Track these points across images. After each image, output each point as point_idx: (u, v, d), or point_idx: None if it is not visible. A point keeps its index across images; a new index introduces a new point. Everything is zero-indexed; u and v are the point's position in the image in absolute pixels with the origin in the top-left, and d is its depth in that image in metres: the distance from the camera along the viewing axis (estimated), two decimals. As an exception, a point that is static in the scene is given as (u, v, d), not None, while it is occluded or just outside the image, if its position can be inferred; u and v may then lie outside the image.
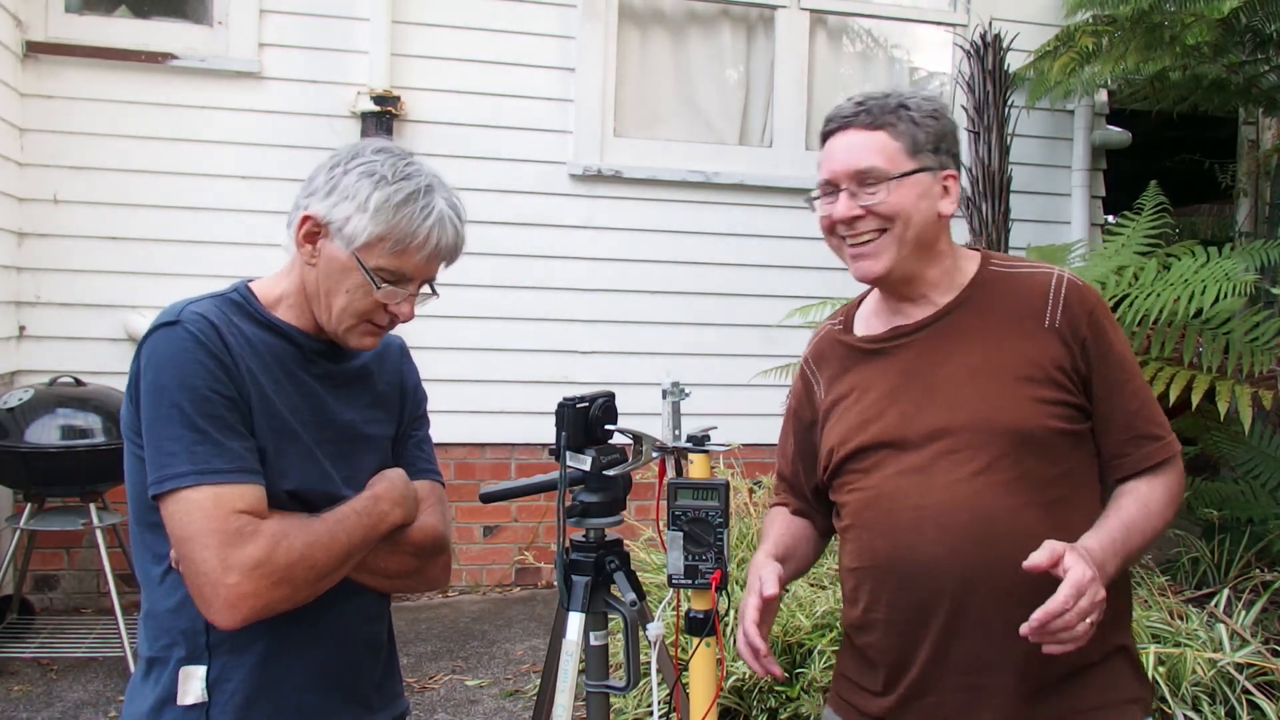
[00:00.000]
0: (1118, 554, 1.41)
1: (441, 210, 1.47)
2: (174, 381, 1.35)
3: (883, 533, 1.52)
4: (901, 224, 1.51)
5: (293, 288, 1.50)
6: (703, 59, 5.25)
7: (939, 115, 1.55)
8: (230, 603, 1.30)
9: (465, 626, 4.34)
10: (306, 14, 4.61)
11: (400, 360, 1.68)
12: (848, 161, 1.53)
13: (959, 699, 1.47)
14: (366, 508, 1.46)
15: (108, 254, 4.41)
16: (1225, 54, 4.51)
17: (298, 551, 1.35)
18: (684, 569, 1.52)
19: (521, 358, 4.87)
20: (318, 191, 1.46)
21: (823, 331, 1.74)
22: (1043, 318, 1.51)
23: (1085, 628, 1.31)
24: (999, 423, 1.47)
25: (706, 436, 1.58)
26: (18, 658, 3.75)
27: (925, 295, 1.58)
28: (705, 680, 1.52)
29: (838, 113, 1.57)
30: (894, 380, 1.56)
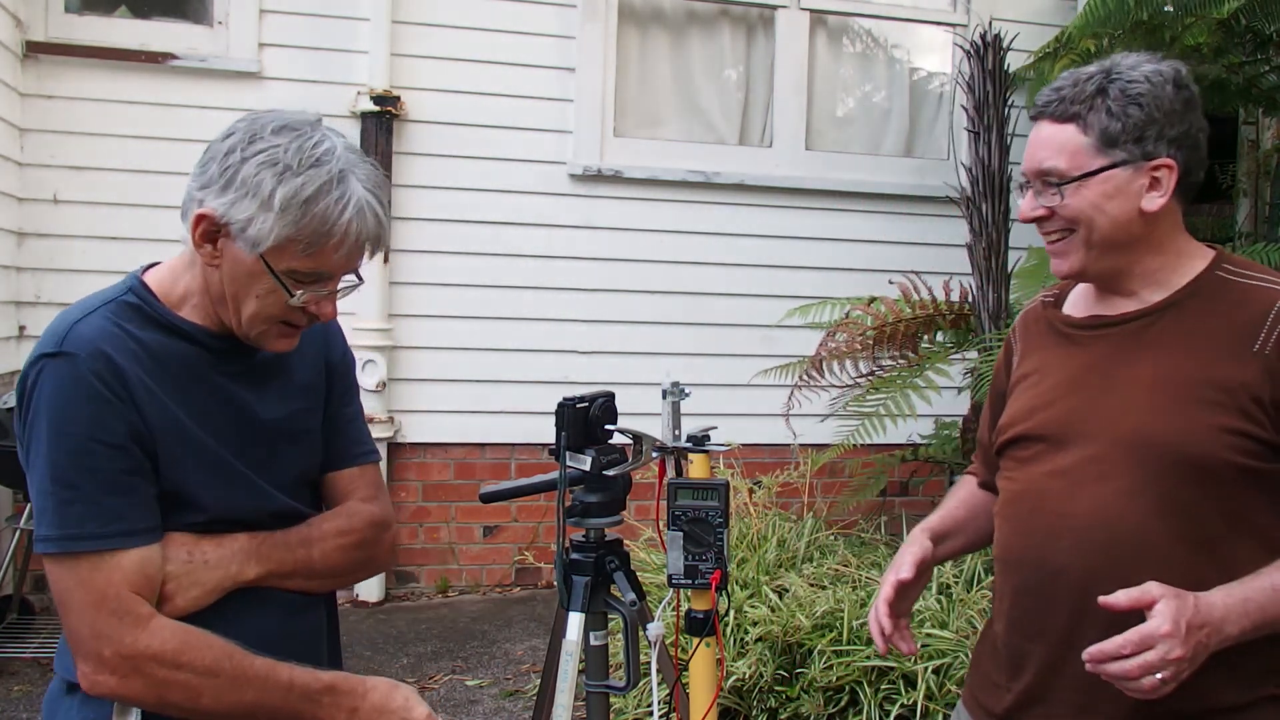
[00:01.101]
0: (1249, 615, 1.27)
1: (360, 198, 1.28)
2: (52, 429, 1.22)
3: (1021, 530, 1.47)
4: (1086, 226, 1.41)
5: (197, 285, 1.34)
6: (703, 59, 5.25)
7: (1145, 99, 1.38)
8: (91, 683, 1.23)
9: (465, 626, 4.34)
10: (306, 14, 4.61)
11: (321, 332, 1.50)
12: (1034, 158, 1.43)
13: (1069, 715, 1.41)
14: (307, 691, 1.31)
15: (108, 254, 4.41)
16: (1225, 55, 4.51)
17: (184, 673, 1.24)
18: (684, 569, 1.52)
19: (521, 358, 4.87)
20: (212, 184, 1.28)
21: (1034, 301, 1.65)
22: (1254, 340, 1.35)
23: (1153, 683, 1.22)
24: (1163, 441, 1.36)
25: (706, 436, 1.58)
26: (18, 658, 3.75)
27: (1134, 291, 1.46)
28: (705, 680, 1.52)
29: (1039, 98, 1.45)
30: (1076, 371, 1.47)
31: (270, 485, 1.39)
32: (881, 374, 4.08)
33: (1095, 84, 1.40)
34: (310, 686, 1.31)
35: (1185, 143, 1.41)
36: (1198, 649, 1.24)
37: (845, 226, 5.11)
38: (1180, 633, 1.22)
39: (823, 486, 4.42)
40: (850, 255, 5.04)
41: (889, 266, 4.53)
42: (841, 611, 3.10)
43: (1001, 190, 4.78)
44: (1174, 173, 1.40)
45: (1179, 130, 1.40)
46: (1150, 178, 1.40)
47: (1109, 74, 1.40)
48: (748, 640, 3.10)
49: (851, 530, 4.20)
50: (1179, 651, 1.21)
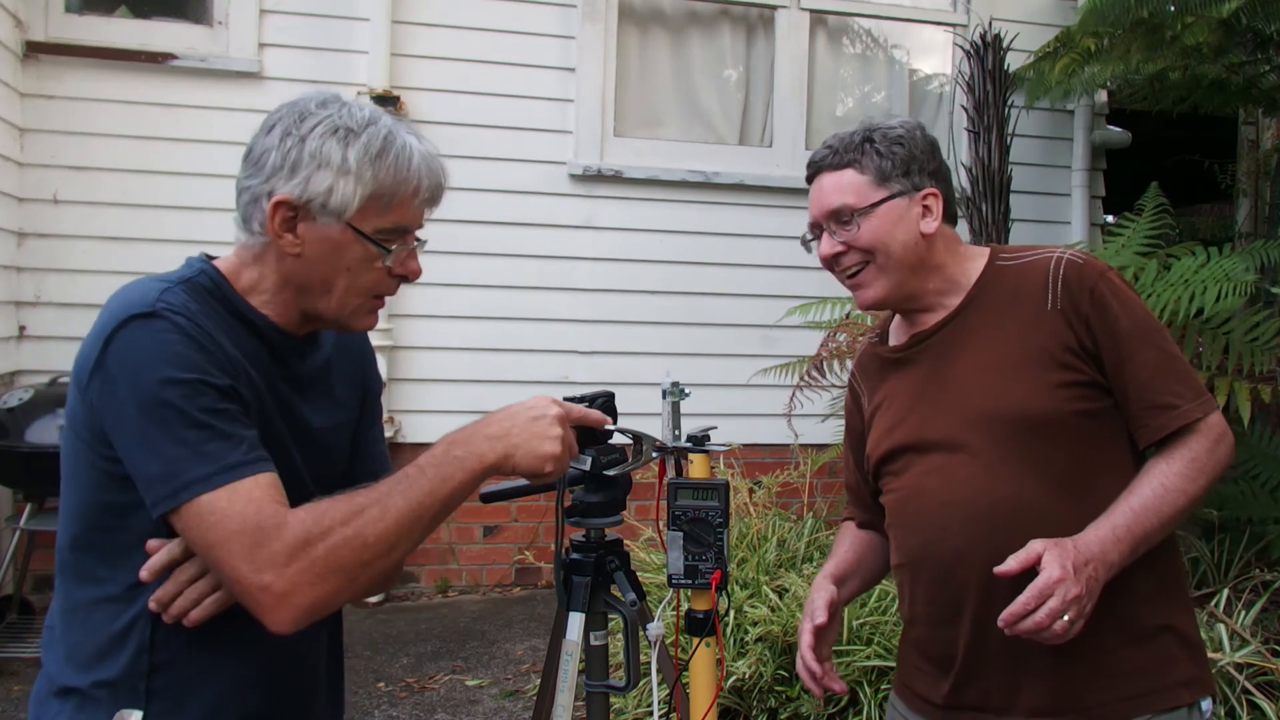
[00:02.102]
0: (1122, 540, 1.42)
1: (417, 146, 1.31)
2: (162, 379, 1.17)
3: (914, 530, 1.59)
4: (882, 252, 1.58)
5: (266, 281, 1.33)
6: (702, 59, 5.25)
7: (905, 140, 1.60)
8: (272, 607, 1.14)
9: (465, 626, 4.34)
10: (306, 14, 4.62)
11: (361, 350, 1.52)
12: (822, 203, 1.61)
13: (1003, 683, 1.51)
14: (434, 458, 1.26)
15: (108, 254, 4.41)
16: (1225, 54, 4.51)
17: (338, 533, 1.17)
18: (684, 569, 1.52)
19: (521, 358, 4.87)
20: (279, 172, 1.27)
21: (863, 346, 1.82)
22: (1045, 301, 1.53)
23: (1063, 625, 1.35)
24: (1008, 412, 1.50)
25: (706, 436, 1.58)
26: (18, 658, 3.75)
27: (934, 304, 1.63)
28: (705, 680, 1.52)
29: (812, 159, 1.65)
30: (916, 385, 1.63)
31: (314, 486, 1.36)
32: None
33: (860, 135, 1.61)
34: (435, 453, 1.27)
35: (941, 175, 1.64)
36: (1090, 584, 1.38)
37: (845, 226, 5.10)
38: (1070, 574, 1.36)
39: (823, 486, 4.41)
40: (850, 255, 5.03)
41: (889, 266, 4.52)
42: (841, 611, 3.10)
43: (1001, 190, 4.78)
44: (939, 199, 1.62)
45: (935, 165, 1.63)
46: (922, 206, 1.60)
47: (869, 128, 1.62)
48: (748, 640, 3.10)
49: (851, 530, 4.19)
50: (1075, 590, 1.35)
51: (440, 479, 1.25)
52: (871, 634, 3.05)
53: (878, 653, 2.98)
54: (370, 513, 1.19)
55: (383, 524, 1.19)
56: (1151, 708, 1.48)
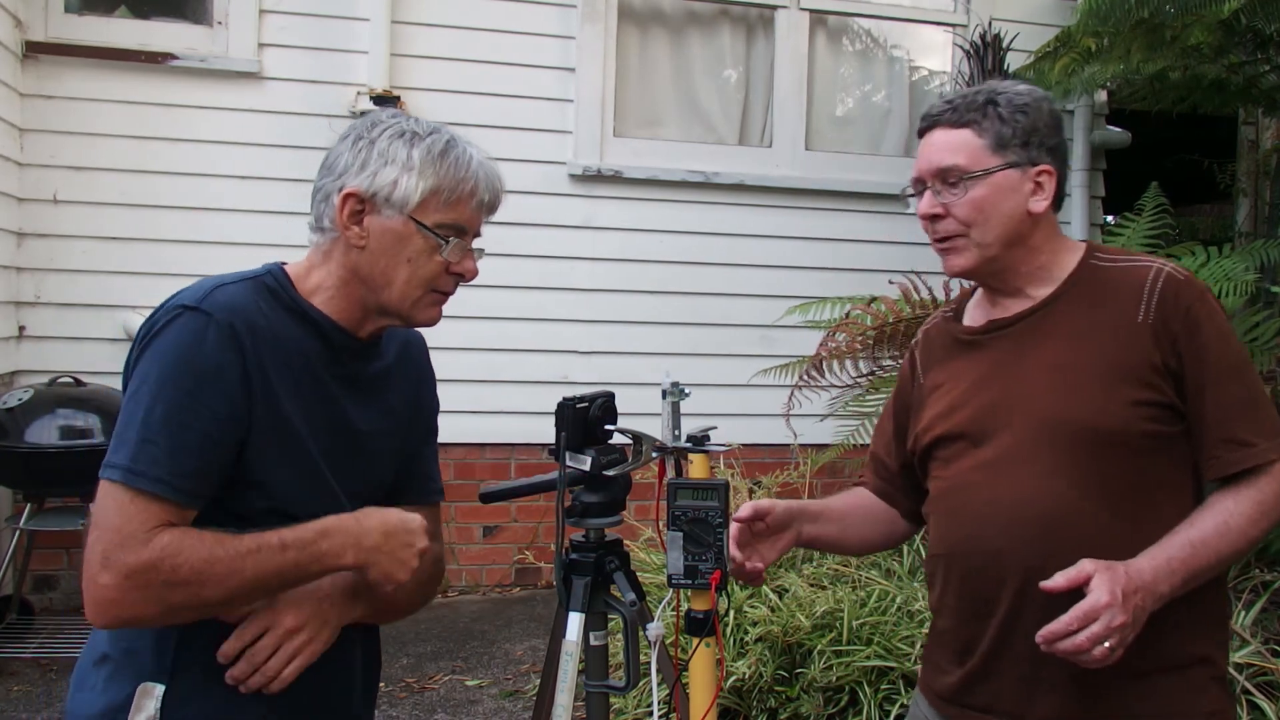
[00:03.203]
0: (1175, 573, 1.37)
1: (475, 153, 1.43)
2: (166, 374, 1.27)
3: (954, 523, 1.55)
4: (982, 222, 1.51)
5: (331, 278, 1.41)
6: (702, 59, 5.25)
7: (1030, 109, 1.53)
8: (96, 603, 1.24)
9: (465, 626, 4.34)
10: (306, 14, 4.61)
11: (420, 365, 1.60)
12: (931, 159, 1.54)
13: (1017, 688, 1.48)
14: (301, 541, 1.31)
15: (108, 254, 4.41)
16: (1226, 54, 4.51)
17: (183, 572, 1.23)
18: (684, 569, 1.52)
19: (521, 358, 4.87)
20: (349, 169, 1.38)
21: (936, 318, 1.75)
22: (1136, 313, 1.46)
23: (1103, 651, 1.31)
24: (1074, 421, 1.45)
25: (706, 436, 1.58)
26: (18, 658, 3.75)
27: (1021, 289, 1.57)
28: (705, 680, 1.52)
29: (929, 111, 1.57)
30: (983, 372, 1.57)
31: (341, 490, 1.41)
32: (881, 374, 4.07)
33: (984, 96, 1.54)
34: (303, 537, 1.31)
35: (1059, 154, 1.57)
36: (1137, 613, 1.33)
37: (845, 226, 5.11)
38: (1119, 601, 1.31)
39: (823, 487, 4.41)
40: (850, 255, 5.04)
41: (889, 266, 4.52)
42: (841, 611, 3.10)
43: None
44: (1054, 179, 1.55)
45: (1055, 141, 1.57)
46: (1034, 182, 1.54)
47: (994, 90, 1.55)
48: (748, 640, 3.10)
49: (851, 530, 4.19)
50: (1121, 618, 1.31)
51: (295, 564, 1.31)
52: (871, 634, 3.05)
53: (878, 653, 2.98)
54: (217, 569, 1.25)
55: (225, 585, 1.26)
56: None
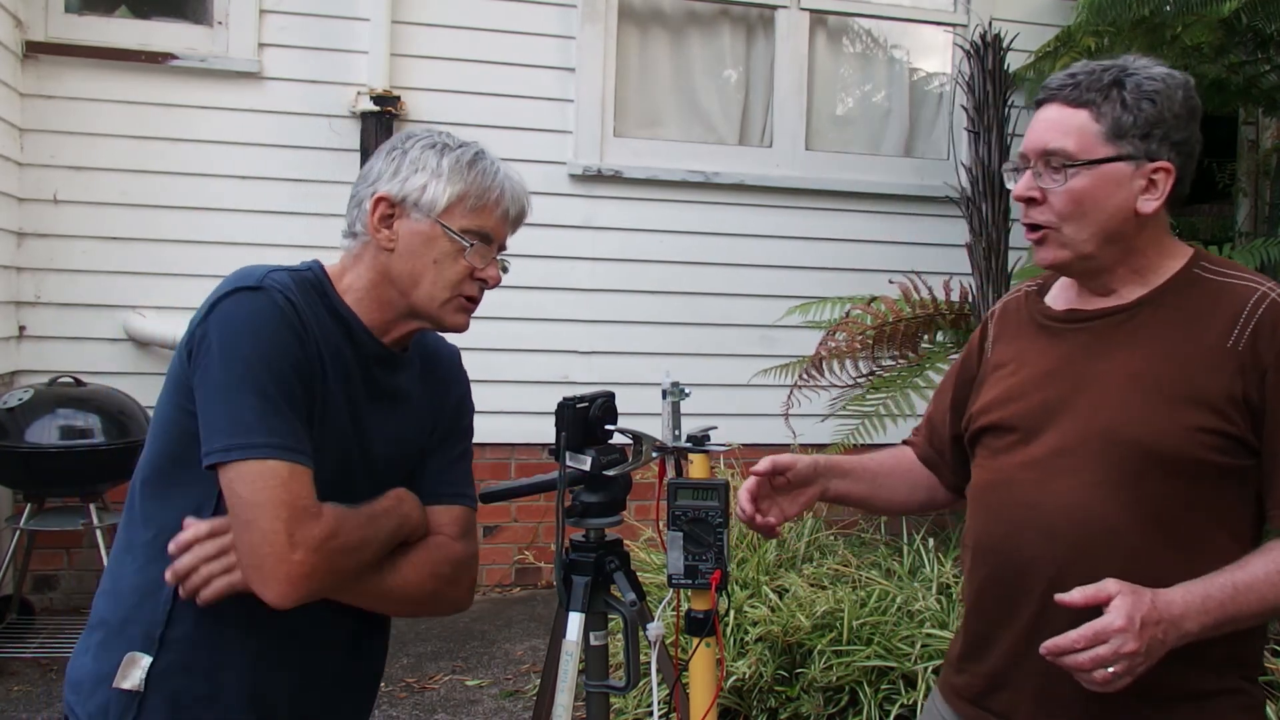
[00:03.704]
0: (1209, 613, 1.28)
1: (503, 169, 1.49)
2: (253, 348, 1.31)
3: (991, 518, 1.49)
4: (1078, 217, 1.39)
5: (361, 280, 1.47)
6: (702, 59, 5.25)
7: (1158, 97, 1.38)
8: (291, 578, 1.27)
9: (465, 626, 4.34)
10: (306, 14, 4.61)
11: (448, 376, 1.64)
12: (1040, 138, 1.41)
13: (1032, 701, 1.43)
14: (392, 507, 1.43)
15: (108, 254, 4.41)
16: (1226, 54, 4.50)
17: (355, 539, 1.34)
18: (684, 569, 1.52)
19: (521, 358, 4.87)
20: (382, 176, 1.45)
21: (1018, 290, 1.64)
22: (1228, 336, 1.35)
23: (1105, 675, 1.23)
24: (1134, 437, 1.36)
25: (706, 436, 1.58)
26: (18, 658, 3.75)
27: (1114, 288, 1.46)
28: (705, 680, 1.52)
29: (1049, 82, 1.44)
30: (1052, 363, 1.47)
31: (365, 493, 1.43)
32: (881, 374, 4.08)
33: (1111, 75, 1.39)
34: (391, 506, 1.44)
35: (1185, 149, 1.42)
36: (1153, 644, 1.25)
37: (845, 226, 5.11)
38: (1134, 628, 1.23)
39: (823, 486, 4.41)
40: (850, 255, 5.04)
41: (889, 266, 4.53)
42: (841, 611, 3.10)
43: (1001, 190, 4.78)
44: (1170, 177, 1.41)
45: (1182, 135, 1.41)
46: (1148, 179, 1.40)
47: (1125, 69, 1.40)
48: (748, 640, 3.10)
49: (851, 530, 4.20)
50: (1131, 646, 1.23)
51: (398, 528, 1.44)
52: (872, 634, 3.05)
53: (878, 653, 2.98)
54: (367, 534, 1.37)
55: (372, 549, 1.38)
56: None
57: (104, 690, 1.37)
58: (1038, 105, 1.45)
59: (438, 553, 1.49)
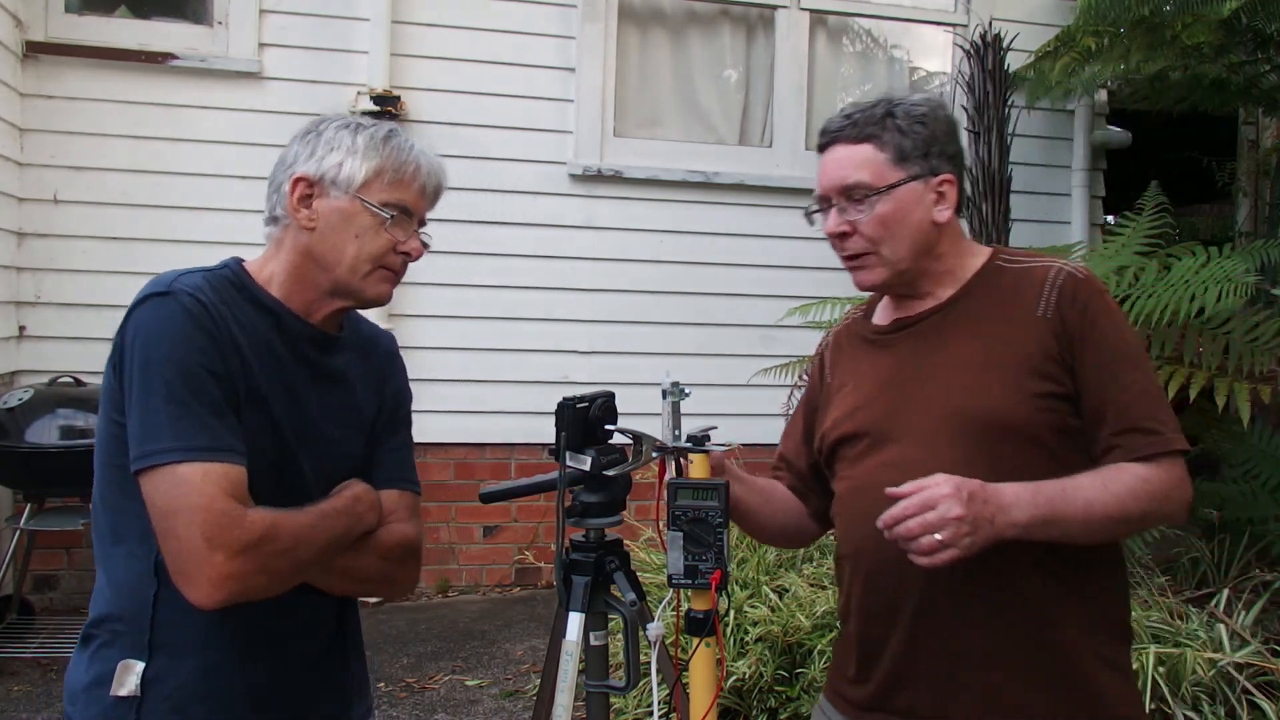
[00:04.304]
0: (1039, 506, 1.36)
1: (417, 144, 1.51)
2: (162, 354, 1.32)
3: (862, 521, 1.52)
4: (890, 238, 1.52)
5: (282, 267, 1.48)
6: (702, 59, 5.25)
7: (928, 119, 1.53)
8: (213, 581, 1.28)
9: (465, 626, 4.34)
10: (306, 14, 4.61)
11: (385, 363, 1.65)
12: (835, 177, 1.54)
13: (934, 690, 1.48)
14: (346, 507, 1.45)
15: (108, 254, 4.41)
16: (1226, 54, 4.51)
17: (284, 541, 1.33)
18: (684, 569, 1.52)
19: (521, 358, 4.87)
20: (299, 158, 1.47)
21: (847, 318, 1.77)
22: (1037, 307, 1.49)
23: (931, 542, 1.30)
24: (979, 414, 1.45)
25: (706, 436, 1.57)
26: (18, 658, 3.75)
27: (929, 292, 1.58)
28: (705, 680, 1.52)
29: (827, 126, 1.57)
30: (889, 370, 1.58)
31: (314, 486, 1.46)
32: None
33: (882, 109, 1.53)
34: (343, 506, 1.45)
35: (957, 160, 1.57)
36: (980, 519, 1.32)
37: (845, 226, 5.10)
38: (961, 496, 1.31)
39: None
40: (850, 255, 5.03)
41: (889, 266, 4.52)
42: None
43: (1002, 190, 4.78)
44: (954, 187, 1.55)
45: (954, 149, 1.57)
46: (937, 192, 1.54)
47: (891, 101, 1.55)
48: (748, 640, 3.10)
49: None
50: (958, 511, 1.30)
51: (346, 529, 1.45)
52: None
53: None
54: (305, 535, 1.37)
55: (311, 548, 1.38)
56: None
57: (101, 698, 1.38)
58: (820, 150, 1.58)
59: (389, 537, 1.52)
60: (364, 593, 1.58)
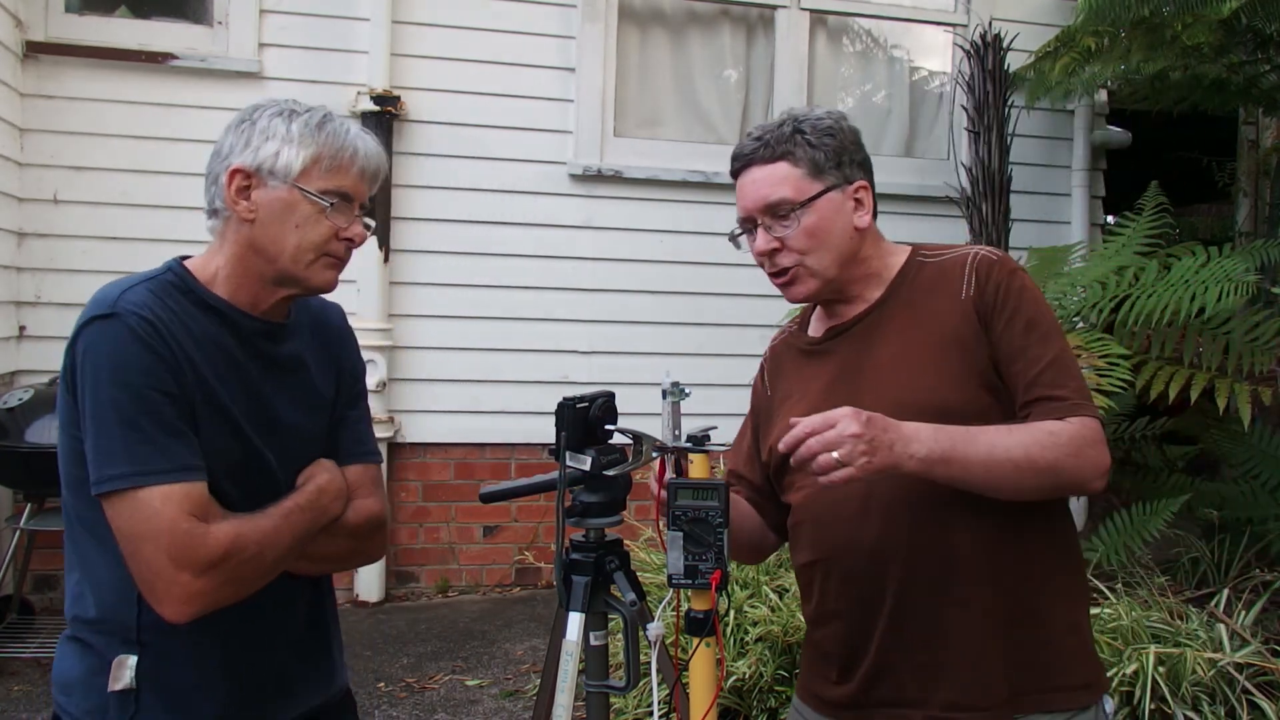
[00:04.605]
0: (939, 442, 1.40)
1: (353, 128, 1.50)
2: (111, 378, 1.33)
3: (830, 523, 1.58)
4: (817, 248, 1.57)
5: (226, 261, 1.47)
6: (703, 59, 5.25)
7: (835, 131, 1.59)
8: (182, 599, 1.32)
9: (465, 626, 4.34)
10: (306, 14, 4.61)
11: (339, 337, 1.65)
12: (757, 196, 1.59)
13: (918, 676, 1.52)
14: (310, 502, 1.47)
15: (108, 254, 4.41)
16: (1226, 54, 4.51)
17: (250, 551, 1.36)
18: (684, 569, 1.52)
19: (521, 358, 4.87)
20: (234, 150, 1.46)
21: (783, 332, 1.82)
22: (960, 291, 1.55)
23: (828, 460, 1.33)
24: (923, 402, 1.49)
25: (706, 436, 1.57)
26: (18, 658, 3.75)
27: (858, 295, 1.64)
28: (705, 680, 1.52)
29: (739, 151, 1.62)
30: (831, 376, 1.62)
31: (282, 478, 1.49)
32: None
33: (790, 126, 1.59)
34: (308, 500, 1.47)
35: (868, 166, 1.64)
36: (878, 441, 1.36)
37: (845, 226, 5.10)
38: (860, 418, 1.35)
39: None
40: (850, 255, 5.03)
41: (889, 266, 4.52)
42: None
43: (1001, 190, 4.78)
44: (870, 192, 1.62)
45: (862, 156, 1.63)
46: (854, 199, 1.61)
47: (796, 118, 1.60)
48: (748, 640, 3.10)
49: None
50: (854, 429, 1.34)
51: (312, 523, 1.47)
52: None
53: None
54: (270, 538, 1.40)
55: (277, 550, 1.41)
56: (1063, 705, 1.51)
57: (97, 691, 1.41)
58: (735, 175, 1.63)
59: (356, 516, 1.55)
60: (336, 569, 1.62)
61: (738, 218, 1.64)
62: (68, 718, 1.45)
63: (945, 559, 1.49)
